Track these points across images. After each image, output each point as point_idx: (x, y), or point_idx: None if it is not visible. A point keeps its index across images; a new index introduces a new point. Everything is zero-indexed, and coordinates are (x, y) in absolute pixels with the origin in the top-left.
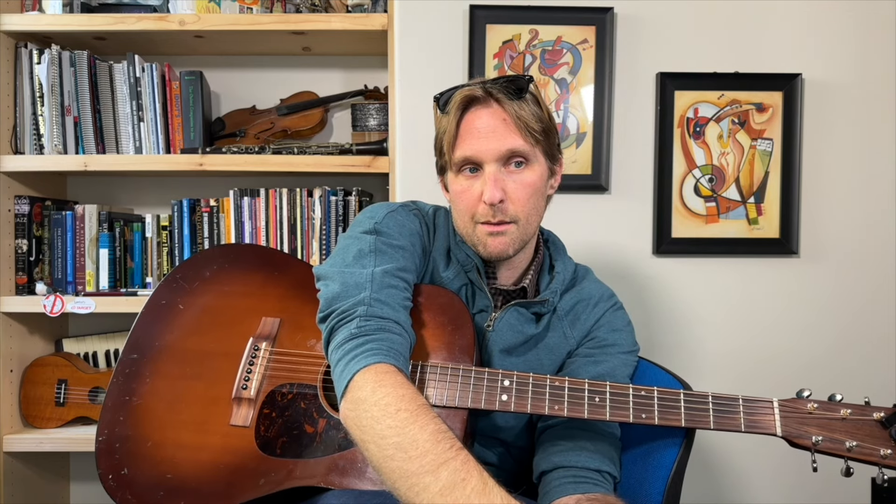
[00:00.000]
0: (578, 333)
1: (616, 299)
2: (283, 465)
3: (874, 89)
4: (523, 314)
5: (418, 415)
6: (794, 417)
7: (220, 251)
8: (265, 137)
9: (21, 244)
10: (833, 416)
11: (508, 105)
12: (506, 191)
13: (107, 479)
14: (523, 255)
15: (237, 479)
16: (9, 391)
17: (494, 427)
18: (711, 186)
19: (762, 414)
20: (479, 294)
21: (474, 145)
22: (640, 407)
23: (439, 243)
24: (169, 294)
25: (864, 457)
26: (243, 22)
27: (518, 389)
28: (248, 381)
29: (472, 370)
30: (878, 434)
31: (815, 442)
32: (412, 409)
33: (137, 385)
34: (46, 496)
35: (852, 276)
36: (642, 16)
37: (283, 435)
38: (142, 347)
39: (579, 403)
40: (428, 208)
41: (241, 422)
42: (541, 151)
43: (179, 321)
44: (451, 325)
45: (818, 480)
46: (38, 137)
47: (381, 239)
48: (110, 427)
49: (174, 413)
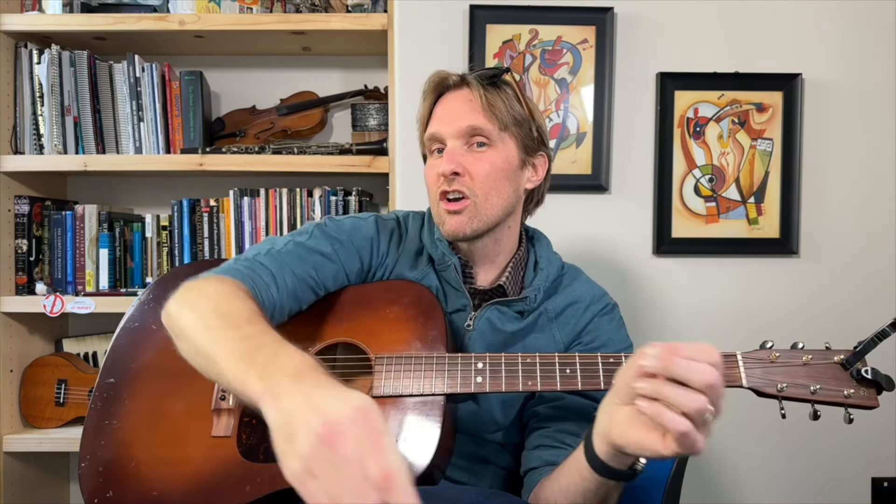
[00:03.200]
0: (567, 337)
1: (608, 300)
2: (267, 470)
3: (874, 89)
4: (504, 312)
5: (245, 302)
6: (758, 367)
7: (191, 268)
8: (265, 137)
9: (21, 244)
10: (795, 363)
11: (478, 88)
12: (464, 166)
13: (93, 503)
14: (504, 253)
15: (222, 488)
16: (9, 391)
17: (485, 424)
18: (711, 186)
19: (728, 368)
20: (455, 294)
21: (438, 124)
22: (611, 373)
23: (408, 246)
24: (141, 316)
25: (828, 398)
26: (243, 22)
27: (492, 370)
28: (226, 392)
29: (445, 357)
30: (840, 376)
31: (779, 389)
32: (245, 308)
33: (116, 408)
34: (46, 496)
35: (852, 276)
36: (642, 16)
37: (265, 440)
38: (118, 371)
39: (551, 376)
40: (402, 214)
41: (222, 432)
42: (510, 137)
43: (153, 341)
44: (423, 316)
45: (818, 481)
46: (38, 137)
47: (319, 228)
48: (92, 453)
49: (155, 431)
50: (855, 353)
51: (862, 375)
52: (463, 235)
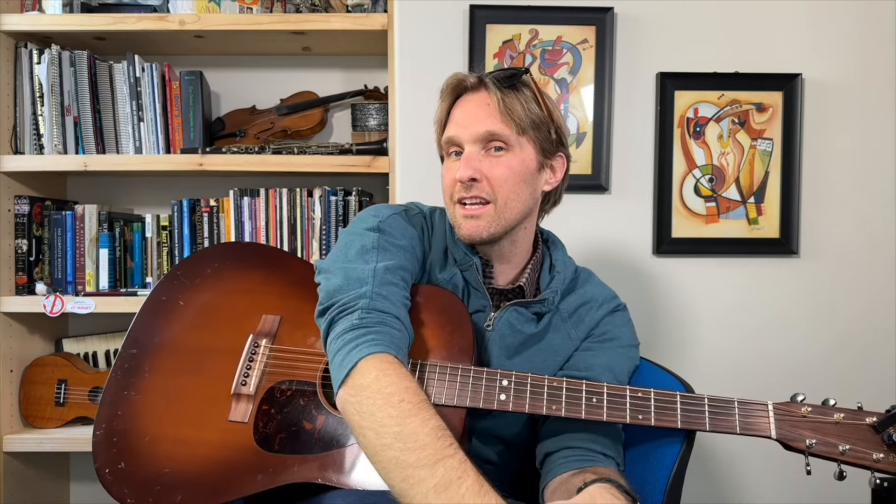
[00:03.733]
0: (582, 333)
1: (619, 301)
2: (281, 461)
3: (874, 89)
4: (523, 314)
5: (420, 408)
6: (789, 420)
7: (221, 249)
8: (265, 137)
9: (21, 244)
10: (826, 420)
11: (496, 91)
12: (482, 171)
13: (104, 473)
14: (520, 254)
15: (234, 474)
16: (9, 391)
17: (494, 425)
18: (711, 186)
19: (757, 416)
20: (476, 294)
21: (456, 128)
22: (637, 408)
23: (437, 244)
24: (169, 290)
25: (856, 460)
26: (243, 22)
27: (516, 389)
28: (248, 378)
29: (470, 370)
30: (871, 438)
31: (808, 445)
32: (415, 401)
33: (136, 380)
34: (46, 496)
35: (852, 276)
36: (642, 16)
37: (281, 431)
38: (141, 343)
39: (576, 404)
40: (427, 209)
41: (239, 418)
42: (528, 141)
43: (179, 317)
44: (451, 325)
45: (818, 482)
46: (38, 137)
47: (384, 237)
48: (108, 421)
49: (172, 408)
50: (889, 416)
51: (894, 441)
52: (480, 239)
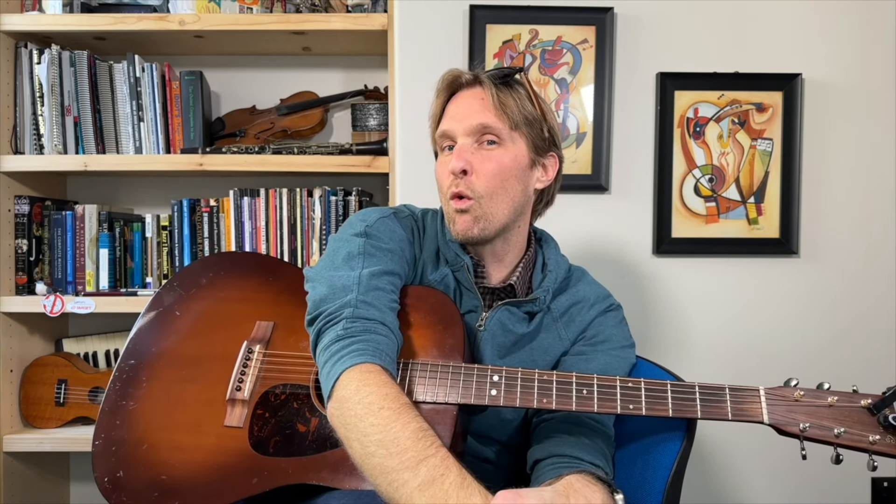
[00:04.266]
0: (573, 334)
1: (612, 300)
2: (276, 464)
3: (874, 89)
4: (514, 313)
5: (400, 413)
6: (781, 405)
7: (216, 259)
8: (265, 137)
9: (21, 244)
10: (820, 404)
11: (491, 87)
12: (472, 163)
13: (102, 482)
14: (513, 252)
15: (230, 478)
16: (9, 391)
17: (490, 425)
18: (711, 186)
19: (749, 402)
20: (468, 294)
21: (450, 121)
22: (628, 398)
23: (428, 246)
24: (165, 301)
25: (852, 443)
26: (243, 22)
27: (507, 384)
28: (242, 383)
29: (461, 366)
30: (866, 420)
31: (802, 429)
32: (395, 407)
33: (134, 389)
34: (46, 496)
35: (852, 276)
36: (642, 16)
37: (276, 434)
38: (139, 353)
39: (567, 396)
40: (418, 211)
41: (234, 422)
42: (521, 137)
43: (176, 327)
44: (441, 324)
45: (818, 481)
46: (38, 137)
47: (370, 242)
48: (107, 431)
49: (170, 416)
50: (884, 398)
51: (890, 422)
52: (471, 236)
